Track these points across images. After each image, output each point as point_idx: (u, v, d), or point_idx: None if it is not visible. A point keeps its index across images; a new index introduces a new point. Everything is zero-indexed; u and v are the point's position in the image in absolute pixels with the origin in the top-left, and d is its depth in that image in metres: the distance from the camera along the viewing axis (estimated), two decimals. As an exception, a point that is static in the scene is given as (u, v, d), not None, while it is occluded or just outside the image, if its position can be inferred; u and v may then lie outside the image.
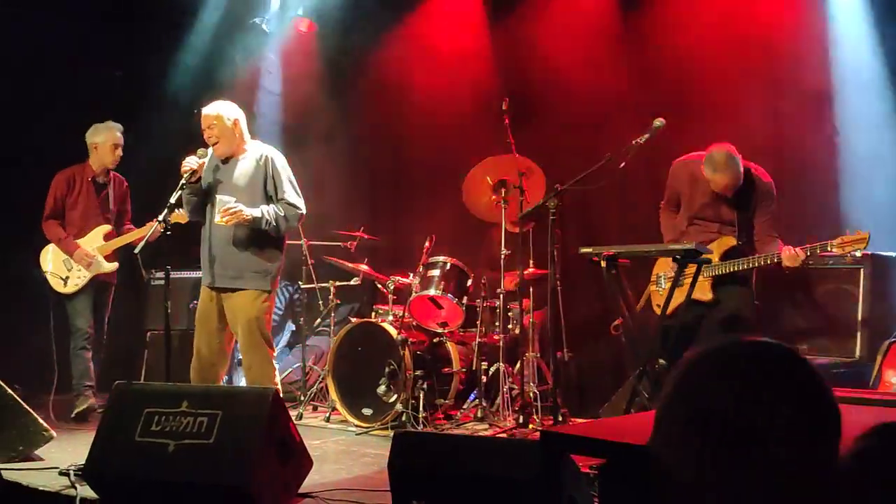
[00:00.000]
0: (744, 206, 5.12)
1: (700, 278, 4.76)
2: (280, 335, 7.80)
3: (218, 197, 5.12)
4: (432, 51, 7.72)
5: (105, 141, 6.50)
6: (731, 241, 5.09)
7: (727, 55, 6.18)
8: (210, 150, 5.24)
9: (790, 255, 4.78)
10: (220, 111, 5.22)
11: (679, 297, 4.84)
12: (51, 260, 6.45)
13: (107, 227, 6.56)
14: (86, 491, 3.96)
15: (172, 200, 4.98)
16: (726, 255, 5.06)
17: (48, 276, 6.44)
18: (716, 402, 1.27)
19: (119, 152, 6.55)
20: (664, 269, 5.34)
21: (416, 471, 3.33)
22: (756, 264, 4.94)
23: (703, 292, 4.99)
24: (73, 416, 6.14)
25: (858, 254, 4.71)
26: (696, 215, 5.26)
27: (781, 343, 1.33)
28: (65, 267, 6.40)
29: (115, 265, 6.56)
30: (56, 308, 6.48)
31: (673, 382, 1.36)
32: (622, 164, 5.05)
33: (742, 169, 5.06)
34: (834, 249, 4.69)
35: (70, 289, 6.41)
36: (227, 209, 5.00)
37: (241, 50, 8.13)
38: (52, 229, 6.45)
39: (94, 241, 6.49)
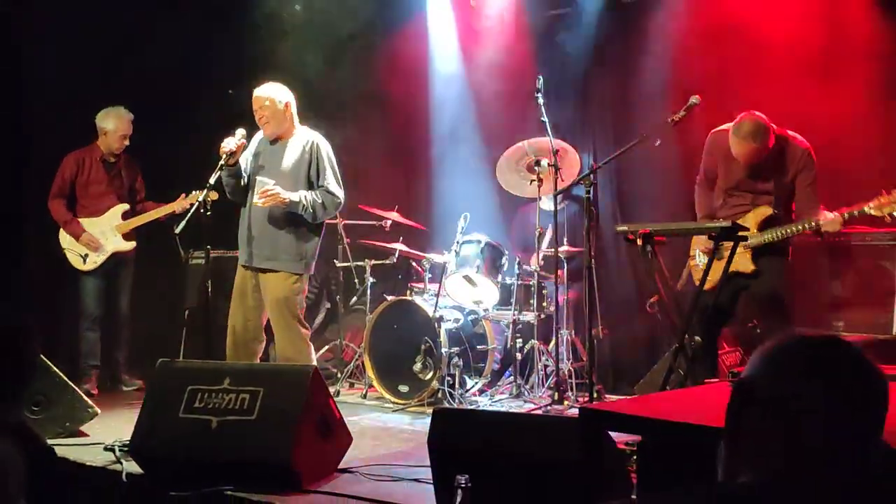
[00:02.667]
0: (779, 174, 5.04)
1: (740, 249, 4.75)
2: (316, 313, 7.87)
3: (258, 178, 5.18)
4: (468, 31, 7.71)
5: (115, 130, 6.57)
6: (767, 211, 5.04)
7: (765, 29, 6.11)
8: (253, 132, 5.28)
9: (831, 220, 4.72)
10: (273, 94, 5.26)
11: (718, 272, 4.83)
12: (67, 236, 6.54)
13: (124, 206, 6.66)
14: (131, 466, 4.06)
15: (211, 181, 5.04)
16: (764, 225, 5.00)
17: (67, 253, 6.53)
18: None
19: (127, 142, 6.64)
20: (701, 244, 5.32)
21: (455, 446, 3.38)
22: (795, 231, 4.87)
23: (745, 264, 4.95)
24: None
25: None
26: (731, 187, 5.21)
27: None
28: (82, 245, 6.50)
29: (132, 244, 6.64)
30: (72, 286, 6.62)
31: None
32: (657, 143, 5.03)
33: (769, 142, 4.94)
34: (871, 211, 4.64)
35: (89, 266, 6.52)
36: (265, 191, 5.06)
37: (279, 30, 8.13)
38: (58, 210, 6.53)
39: (113, 220, 6.59)
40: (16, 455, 1.41)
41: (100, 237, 6.50)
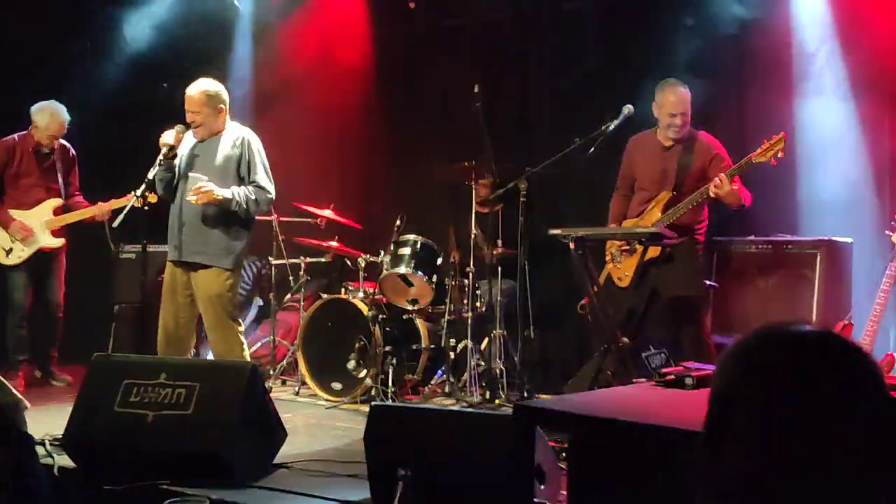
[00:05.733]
0: (685, 163, 5.29)
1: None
2: (247, 310, 7.85)
3: (190, 175, 5.13)
4: (404, 31, 7.79)
5: (45, 128, 6.36)
6: (667, 195, 5.26)
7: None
8: (181, 127, 5.22)
9: (715, 184, 4.94)
10: (209, 96, 5.20)
11: (632, 265, 5.05)
12: None
13: (56, 202, 6.46)
14: (63, 460, 4.02)
15: (150, 176, 5.00)
16: (666, 208, 5.24)
17: None
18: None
19: (56, 143, 6.45)
20: (615, 245, 5.51)
21: (391, 442, 3.46)
22: (691, 203, 5.12)
23: (655, 248, 5.17)
24: None
25: (780, 154, 4.85)
26: (646, 181, 5.43)
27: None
28: (9, 238, 6.29)
29: (61, 241, 6.47)
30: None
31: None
32: (591, 150, 5.19)
33: (687, 98, 5.25)
34: (759, 159, 4.89)
35: (13, 260, 6.32)
36: (198, 188, 5.01)
37: (212, 24, 8.10)
38: None
39: (42, 215, 6.39)
40: None
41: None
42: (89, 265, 7.12)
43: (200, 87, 5.23)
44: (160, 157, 5.05)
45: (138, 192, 4.97)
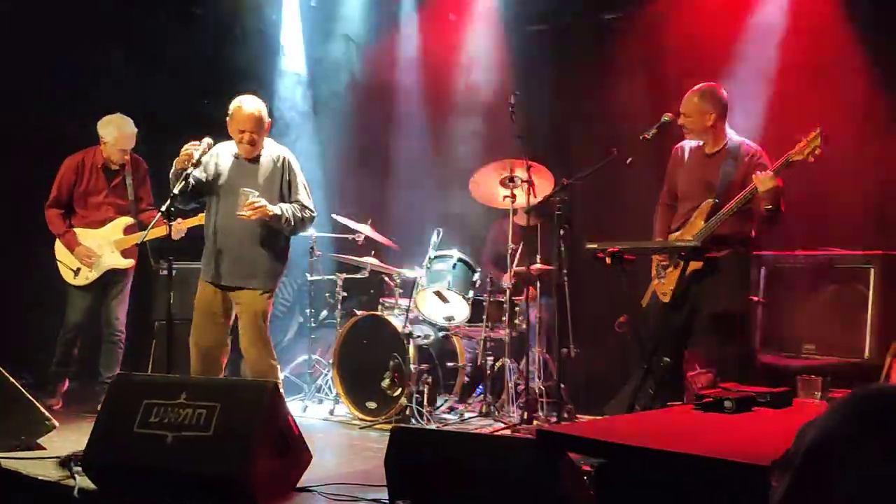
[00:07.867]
0: (728, 170, 5.02)
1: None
2: (288, 327, 7.79)
3: (242, 190, 5.01)
4: (444, 45, 7.71)
5: (114, 143, 6.14)
6: (709, 203, 5.02)
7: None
8: (210, 142, 5.11)
9: (761, 178, 4.67)
10: (263, 114, 5.14)
11: (674, 279, 4.84)
12: (63, 248, 6.18)
13: (128, 220, 6.24)
14: (84, 481, 3.95)
15: (176, 190, 4.87)
16: (709, 216, 4.99)
17: (59, 265, 6.20)
18: None
19: (127, 156, 6.23)
20: (659, 260, 5.30)
21: (412, 467, 3.31)
22: (736, 206, 4.83)
23: (697, 262, 4.92)
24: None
25: (818, 151, 4.59)
26: (687, 193, 5.20)
27: None
28: (76, 258, 6.16)
29: (130, 261, 6.26)
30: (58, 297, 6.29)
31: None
32: (629, 160, 5.01)
33: (714, 105, 5.01)
34: (796, 157, 4.64)
35: (80, 281, 6.16)
36: (252, 203, 4.93)
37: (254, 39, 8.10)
38: (53, 220, 6.15)
39: (113, 234, 6.19)
40: None
41: (96, 251, 6.13)
42: (133, 282, 7.09)
43: (259, 106, 5.15)
44: (186, 171, 4.89)
45: (163, 209, 4.86)
